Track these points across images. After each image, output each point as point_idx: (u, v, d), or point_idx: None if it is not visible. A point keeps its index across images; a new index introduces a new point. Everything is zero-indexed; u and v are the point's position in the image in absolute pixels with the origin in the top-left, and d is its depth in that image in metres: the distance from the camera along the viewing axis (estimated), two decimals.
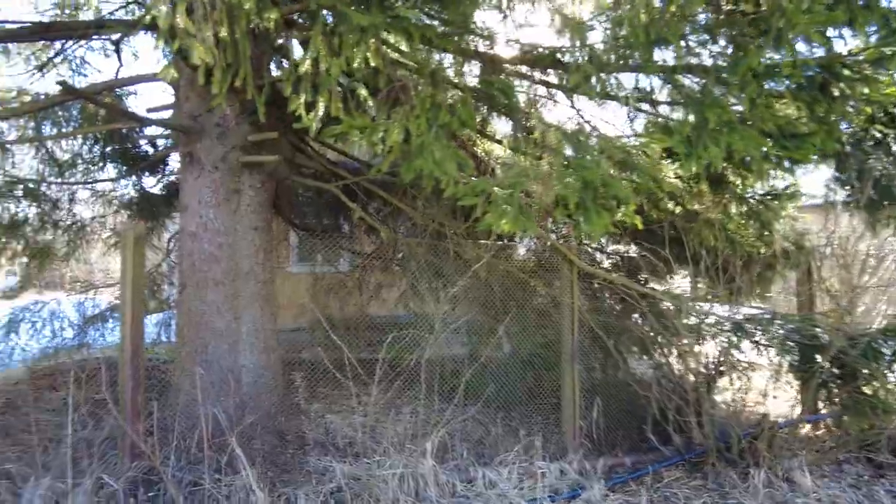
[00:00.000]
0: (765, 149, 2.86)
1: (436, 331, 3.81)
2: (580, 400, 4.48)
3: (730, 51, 3.00)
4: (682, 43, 2.74)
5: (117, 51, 5.57)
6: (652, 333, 4.89)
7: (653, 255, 4.34)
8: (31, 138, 5.67)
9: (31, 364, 5.71)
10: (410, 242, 4.79)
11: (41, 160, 6.03)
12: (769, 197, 4.19)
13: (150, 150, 6.22)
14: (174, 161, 6.39)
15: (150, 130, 6.16)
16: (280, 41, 3.43)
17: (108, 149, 6.03)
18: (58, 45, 5.71)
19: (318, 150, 5.73)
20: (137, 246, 3.39)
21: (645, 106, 4.12)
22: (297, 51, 5.21)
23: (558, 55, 4.06)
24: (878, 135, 4.02)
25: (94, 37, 4.97)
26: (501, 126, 5.81)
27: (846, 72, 3.04)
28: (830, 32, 2.97)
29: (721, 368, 4.50)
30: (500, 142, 5.46)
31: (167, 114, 4.45)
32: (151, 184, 6.41)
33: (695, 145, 2.80)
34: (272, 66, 4.50)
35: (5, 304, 6.20)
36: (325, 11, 2.43)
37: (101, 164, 6.12)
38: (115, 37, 5.46)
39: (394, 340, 3.85)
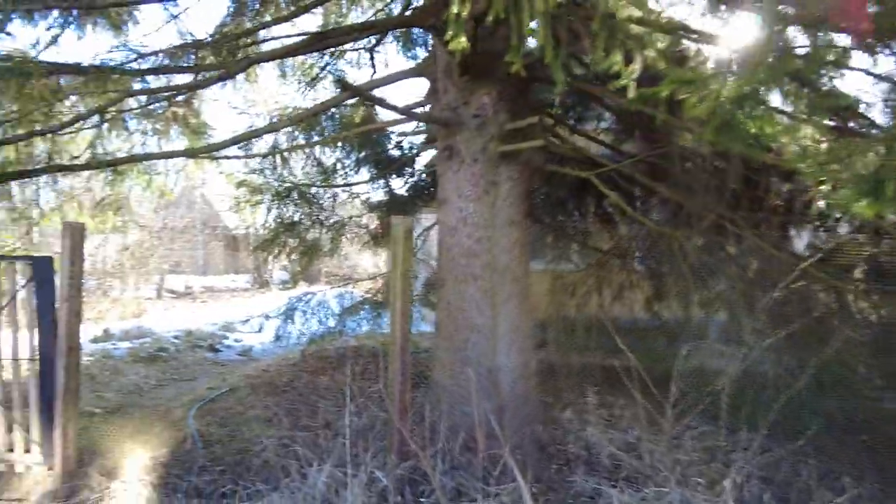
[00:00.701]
0: None
1: (746, 347, 3.10)
2: None
3: None
4: None
5: (371, 57, 5.99)
6: None
7: None
8: (301, 145, 6.36)
9: (303, 348, 6.42)
10: (677, 236, 4.09)
11: (310, 167, 6.79)
12: None
13: (397, 154, 6.55)
14: (418, 165, 6.70)
15: (398, 132, 6.48)
16: None
17: (362, 154, 6.52)
18: (322, 62, 6.35)
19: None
20: (406, 240, 3.37)
21: None
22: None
23: None
24: None
25: (356, 42, 5.31)
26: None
27: None
28: None
29: None
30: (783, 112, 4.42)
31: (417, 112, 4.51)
32: (398, 185, 6.78)
33: None
34: None
35: (283, 295, 7.13)
36: None
37: (356, 169, 6.66)
38: (369, 45, 5.86)
39: (689, 352, 3.23)
